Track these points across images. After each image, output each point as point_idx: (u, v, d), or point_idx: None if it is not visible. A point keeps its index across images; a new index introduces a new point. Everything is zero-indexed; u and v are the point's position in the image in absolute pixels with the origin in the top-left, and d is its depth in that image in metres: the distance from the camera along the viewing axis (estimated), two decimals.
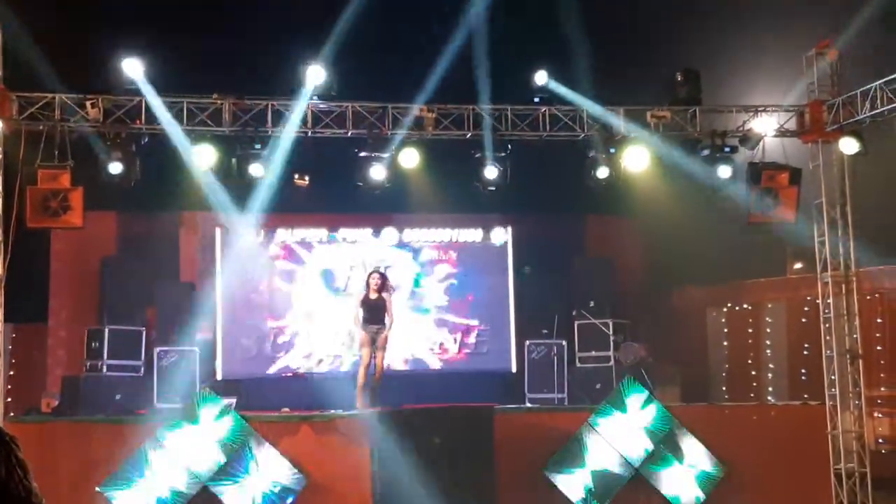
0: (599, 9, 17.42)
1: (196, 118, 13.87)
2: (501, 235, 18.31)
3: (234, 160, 14.19)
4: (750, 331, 19.22)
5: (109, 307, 16.71)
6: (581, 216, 19.19)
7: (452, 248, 18.29)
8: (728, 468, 14.27)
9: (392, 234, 18.12)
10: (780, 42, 16.06)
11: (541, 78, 14.60)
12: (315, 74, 13.90)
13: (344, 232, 17.93)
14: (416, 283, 18.10)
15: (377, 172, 14.35)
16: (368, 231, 18.04)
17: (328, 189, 15.83)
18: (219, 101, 13.96)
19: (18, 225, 13.11)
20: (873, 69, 14.06)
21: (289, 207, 16.56)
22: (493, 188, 14.71)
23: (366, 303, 14.25)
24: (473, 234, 18.33)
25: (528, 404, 16.95)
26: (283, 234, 17.76)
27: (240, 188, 14.51)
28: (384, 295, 14.25)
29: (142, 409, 15.49)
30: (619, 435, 14.18)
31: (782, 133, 14.99)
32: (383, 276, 14.61)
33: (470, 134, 14.51)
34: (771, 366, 18.76)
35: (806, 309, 17.66)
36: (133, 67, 13.56)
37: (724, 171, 14.60)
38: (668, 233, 18.04)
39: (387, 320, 14.25)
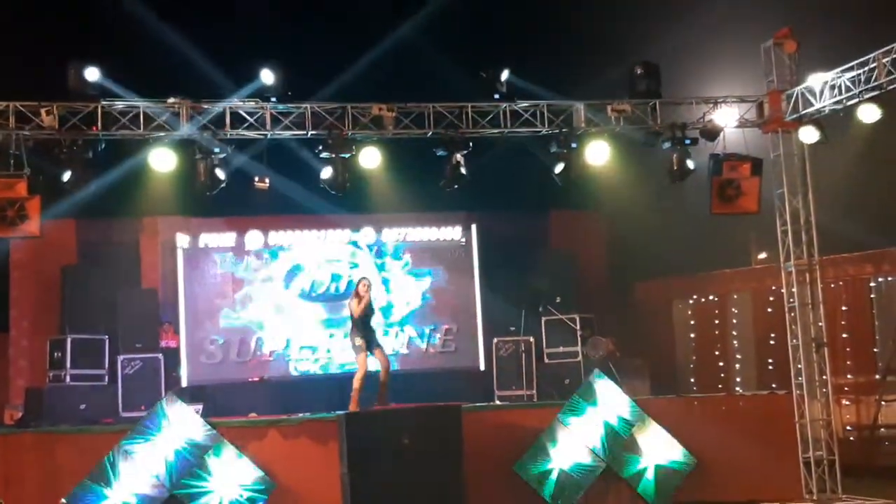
0: (557, 3, 17.44)
1: (153, 122, 13.72)
2: (466, 233, 18.30)
3: (193, 163, 14.03)
4: (716, 322, 19.29)
5: (71, 316, 16.53)
6: (544, 211, 19.21)
7: (416, 247, 18.25)
8: (698, 459, 14.28)
9: (355, 235, 18.08)
10: (738, 33, 16.11)
11: (501, 74, 14.54)
12: (267, 77, 13.79)
13: (306, 233, 17.87)
14: (384, 283, 18.06)
15: (337, 173, 14.24)
16: (331, 231, 18.00)
17: (289, 191, 15.74)
18: (176, 105, 13.81)
19: None
20: (832, 58, 14.11)
21: (250, 210, 16.45)
22: (455, 186, 14.62)
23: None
24: (437, 233, 18.31)
25: (497, 402, 16.94)
26: (245, 237, 17.66)
27: (200, 192, 14.35)
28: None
29: (107, 418, 15.34)
30: (589, 429, 14.15)
31: (742, 124, 15.02)
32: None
33: (431, 132, 14.44)
34: (738, 356, 18.84)
35: (771, 299, 17.72)
36: (90, 73, 13.40)
37: (686, 164, 14.62)
38: (632, 225, 18.10)
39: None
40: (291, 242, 17.87)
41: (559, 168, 14.63)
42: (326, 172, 14.25)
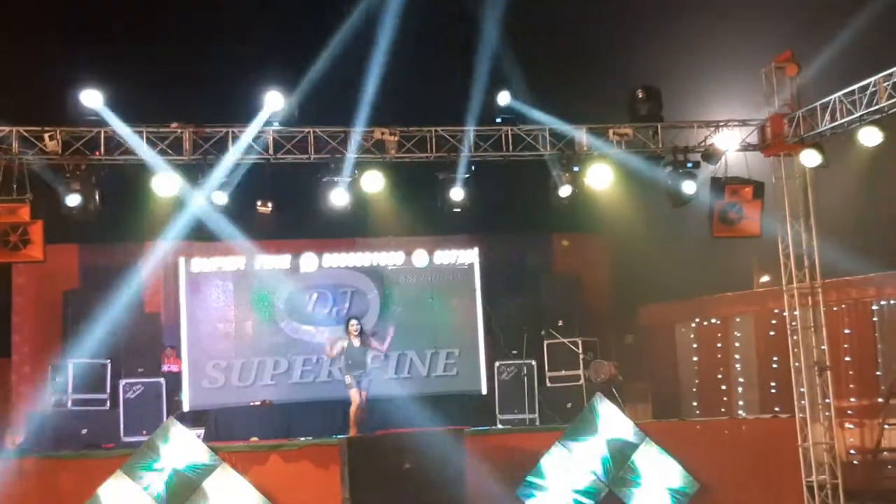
0: (560, 27, 17.49)
1: (156, 147, 13.74)
2: (469, 257, 18.30)
3: (196, 188, 14.07)
4: (719, 345, 19.24)
5: (73, 341, 16.49)
6: (547, 235, 19.21)
7: (418, 271, 18.23)
8: (700, 483, 14.22)
9: (357, 258, 18.07)
10: (739, 57, 16.15)
11: (503, 98, 14.60)
12: (273, 101, 13.84)
13: (308, 258, 17.85)
14: (385, 307, 18.05)
15: (340, 197, 14.28)
16: (334, 255, 17.98)
17: (291, 215, 15.77)
18: (178, 130, 13.84)
19: None
20: (833, 81, 14.13)
21: (252, 234, 16.46)
22: (458, 209, 14.65)
23: (349, 350, 14.48)
24: (440, 256, 18.29)
25: (500, 425, 16.89)
26: (248, 261, 17.65)
27: (202, 216, 14.37)
28: (365, 340, 14.50)
29: (108, 442, 15.30)
30: (590, 453, 14.11)
31: (744, 147, 15.03)
32: (360, 323, 14.85)
33: (433, 156, 14.47)
34: (741, 380, 18.78)
35: (774, 322, 17.69)
36: (93, 98, 13.43)
37: (688, 187, 14.63)
38: (635, 249, 18.09)
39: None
40: (293, 266, 17.85)
41: (564, 192, 14.65)
42: (328, 196, 14.28)
